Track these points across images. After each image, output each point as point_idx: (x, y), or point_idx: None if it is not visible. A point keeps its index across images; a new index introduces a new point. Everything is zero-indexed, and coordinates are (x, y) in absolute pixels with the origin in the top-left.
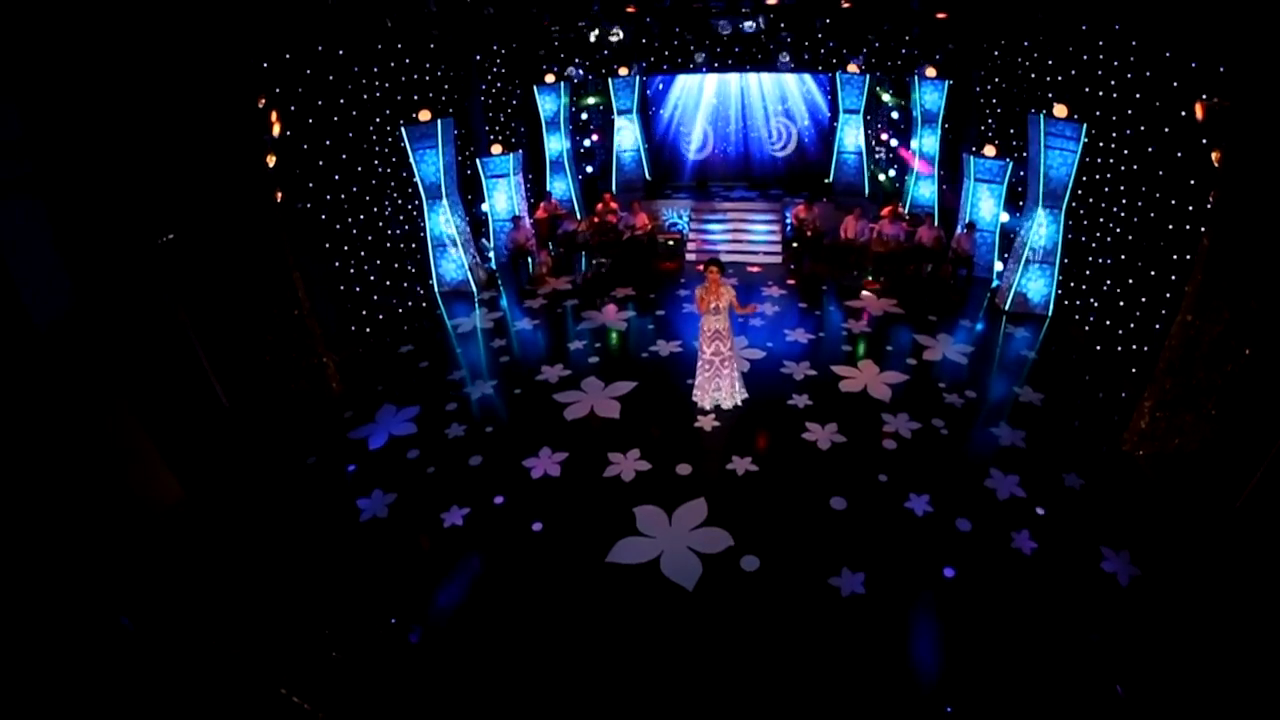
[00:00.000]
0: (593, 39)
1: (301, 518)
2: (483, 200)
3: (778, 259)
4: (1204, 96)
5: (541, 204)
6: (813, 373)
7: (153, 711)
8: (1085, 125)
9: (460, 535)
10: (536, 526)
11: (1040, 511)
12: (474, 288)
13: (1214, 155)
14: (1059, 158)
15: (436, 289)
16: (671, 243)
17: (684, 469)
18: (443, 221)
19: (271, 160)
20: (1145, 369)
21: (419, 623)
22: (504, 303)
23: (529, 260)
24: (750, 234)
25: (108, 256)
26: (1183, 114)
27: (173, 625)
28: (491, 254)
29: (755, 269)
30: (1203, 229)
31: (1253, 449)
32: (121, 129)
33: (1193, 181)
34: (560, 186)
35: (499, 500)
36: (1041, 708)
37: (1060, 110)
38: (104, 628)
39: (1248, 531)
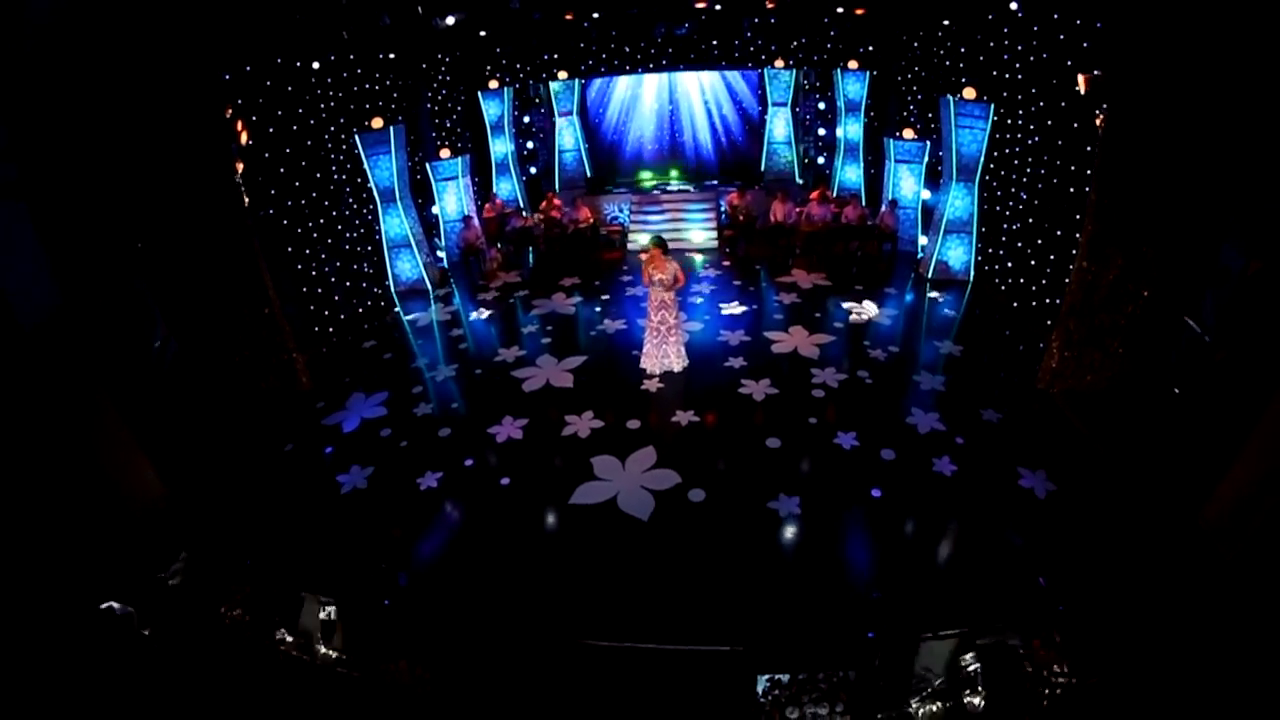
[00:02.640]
0: None
1: (285, 496)
2: (433, 202)
3: (714, 244)
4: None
5: (488, 204)
6: (747, 339)
7: (160, 678)
8: (993, 105)
9: (436, 495)
10: (504, 481)
11: (959, 441)
12: (429, 285)
13: (1097, 120)
14: (969, 135)
15: (393, 288)
16: (617, 237)
17: (634, 424)
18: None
19: (240, 167)
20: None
21: (405, 569)
22: (457, 298)
23: (480, 257)
24: (687, 223)
25: (90, 259)
26: (1076, 89)
27: (165, 601)
28: (443, 253)
29: (693, 254)
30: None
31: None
32: (102, 139)
33: (1089, 148)
34: (506, 187)
35: (469, 463)
36: (968, 594)
37: (969, 92)
38: (92, 617)
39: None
